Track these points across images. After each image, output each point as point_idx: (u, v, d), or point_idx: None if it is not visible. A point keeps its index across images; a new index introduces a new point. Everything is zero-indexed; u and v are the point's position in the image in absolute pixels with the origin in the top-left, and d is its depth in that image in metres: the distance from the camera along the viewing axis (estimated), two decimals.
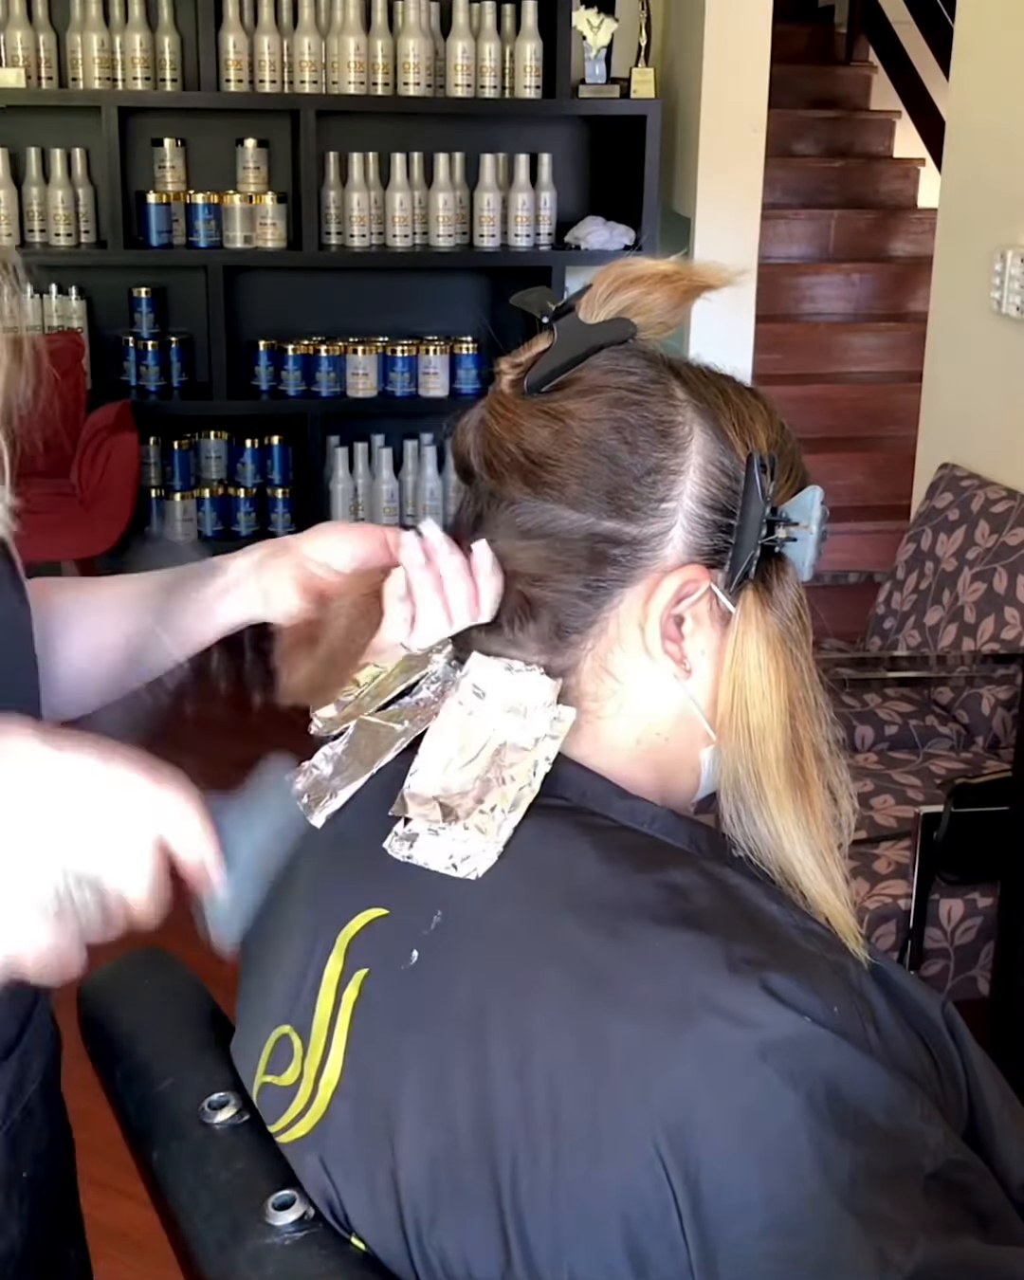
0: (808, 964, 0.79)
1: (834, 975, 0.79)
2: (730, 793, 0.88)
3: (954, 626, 2.93)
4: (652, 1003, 0.76)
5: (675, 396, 0.88)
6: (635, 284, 0.89)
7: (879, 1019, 0.80)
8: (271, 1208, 0.84)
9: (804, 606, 0.89)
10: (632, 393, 0.87)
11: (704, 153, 4.58)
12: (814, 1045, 0.75)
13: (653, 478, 0.86)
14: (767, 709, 0.86)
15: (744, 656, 0.86)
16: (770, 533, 0.86)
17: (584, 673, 0.88)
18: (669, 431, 0.86)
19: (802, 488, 0.90)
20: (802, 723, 0.87)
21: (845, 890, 0.87)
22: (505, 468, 0.87)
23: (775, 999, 0.75)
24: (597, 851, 0.82)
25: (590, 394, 0.87)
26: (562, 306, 0.88)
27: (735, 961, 0.76)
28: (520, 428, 0.87)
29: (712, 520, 0.87)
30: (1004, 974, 2.11)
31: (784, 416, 0.92)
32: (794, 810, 0.87)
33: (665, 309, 0.90)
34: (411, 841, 0.85)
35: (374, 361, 4.65)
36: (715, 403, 0.88)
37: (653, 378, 0.88)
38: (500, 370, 0.89)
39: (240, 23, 4.38)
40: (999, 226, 3.04)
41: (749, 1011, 0.75)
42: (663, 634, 0.87)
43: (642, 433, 0.86)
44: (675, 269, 0.90)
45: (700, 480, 0.87)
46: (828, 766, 0.89)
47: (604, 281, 0.89)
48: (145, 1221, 1.06)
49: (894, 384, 5.22)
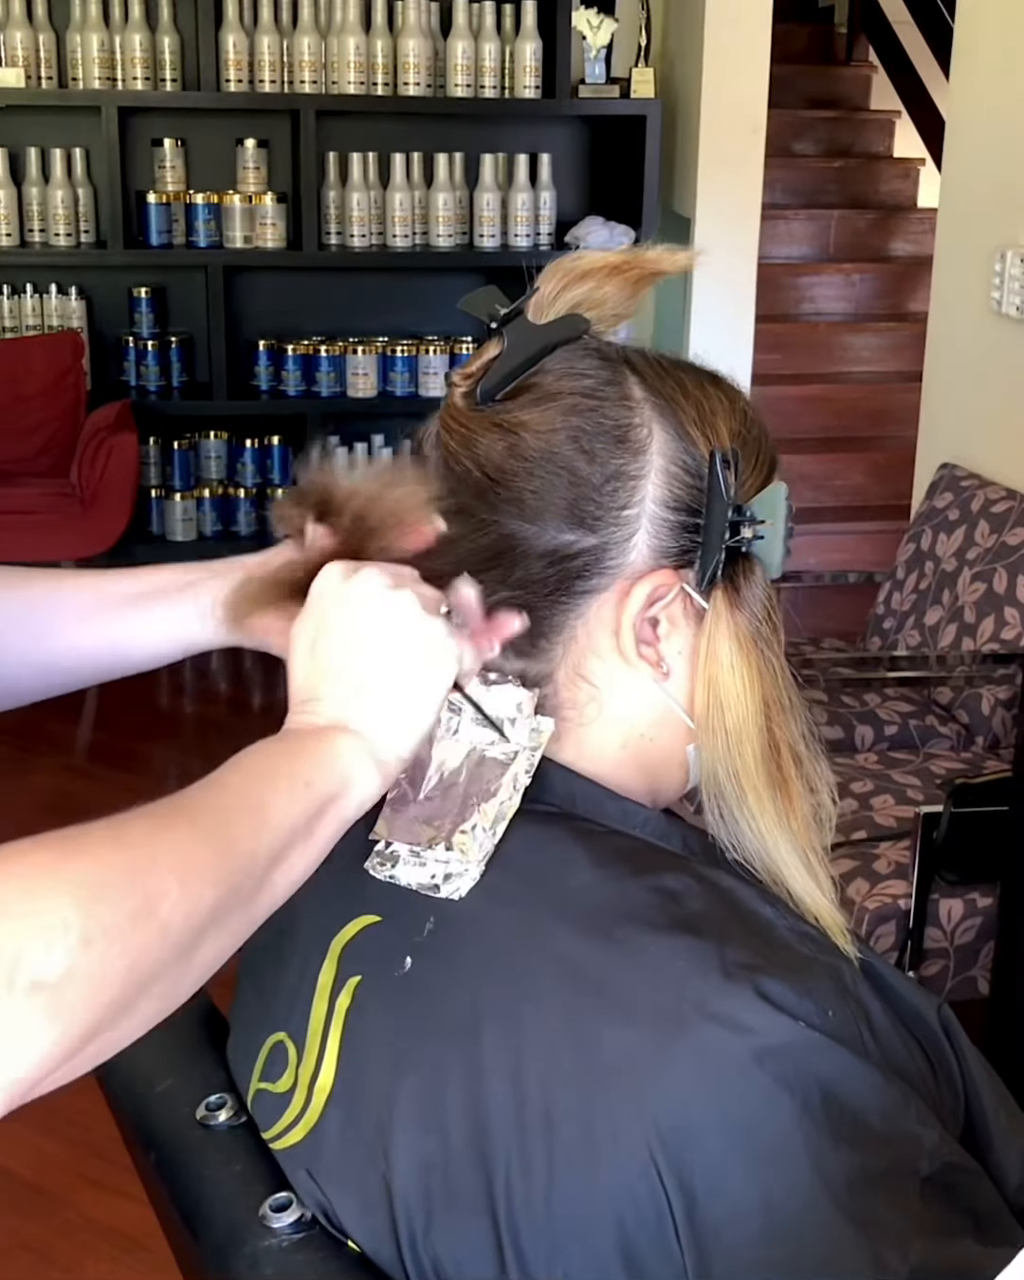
0: (803, 968, 0.79)
1: (829, 979, 0.79)
2: (711, 793, 0.87)
3: (954, 626, 2.93)
4: (646, 1009, 0.76)
5: (632, 397, 0.85)
6: (585, 279, 0.87)
7: (874, 1022, 0.80)
8: (269, 1209, 0.84)
9: (774, 606, 0.88)
10: (586, 398, 0.84)
11: (704, 153, 4.58)
12: (809, 1050, 0.75)
13: (613, 485, 0.84)
14: (742, 710, 0.85)
15: (717, 657, 0.85)
16: (735, 533, 0.84)
17: (560, 681, 0.87)
18: (627, 436, 0.84)
19: (771, 473, 0.88)
20: (778, 723, 0.86)
21: (831, 888, 0.87)
22: (461, 484, 0.85)
23: (770, 1004, 0.75)
24: (589, 857, 0.82)
25: (544, 402, 0.84)
26: (511, 311, 0.86)
27: (730, 966, 0.76)
28: (474, 443, 0.85)
29: (677, 521, 0.85)
30: (1004, 974, 2.11)
31: (748, 401, 0.89)
32: (775, 810, 0.86)
33: (619, 300, 0.87)
34: (393, 862, 0.85)
35: (374, 361, 4.65)
36: (673, 398, 0.86)
37: (608, 378, 0.86)
38: (452, 382, 0.87)
39: (240, 23, 4.38)
40: (999, 226, 3.04)
41: (744, 1017, 0.75)
42: (638, 638, 0.86)
43: (598, 440, 0.84)
44: (624, 259, 0.88)
45: (662, 482, 0.85)
46: (807, 765, 0.88)
47: (552, 279, 0.87)
48: (145, 1221, 1.06)
49: (894, 384, 5.22)
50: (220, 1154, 0.90)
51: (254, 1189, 0.86)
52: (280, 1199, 0.84)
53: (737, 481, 0.84)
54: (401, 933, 0.83)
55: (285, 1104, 0.87)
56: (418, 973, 0.82)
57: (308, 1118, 0.85)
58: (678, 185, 4.80)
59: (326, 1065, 0.84)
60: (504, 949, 0.80)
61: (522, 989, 0.79)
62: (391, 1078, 0.81)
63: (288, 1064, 0.87)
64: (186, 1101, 0.93)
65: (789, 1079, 0.74)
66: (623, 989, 0.77)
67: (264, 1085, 0.89)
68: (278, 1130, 0.87)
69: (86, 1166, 1.43)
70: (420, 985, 0.82)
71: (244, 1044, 0.93)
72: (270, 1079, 0.88)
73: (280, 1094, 0.87)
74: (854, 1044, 0.77)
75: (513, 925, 0.81)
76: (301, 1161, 0.85)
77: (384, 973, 0.83)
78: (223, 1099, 0.92)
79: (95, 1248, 1.53)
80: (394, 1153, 0.80)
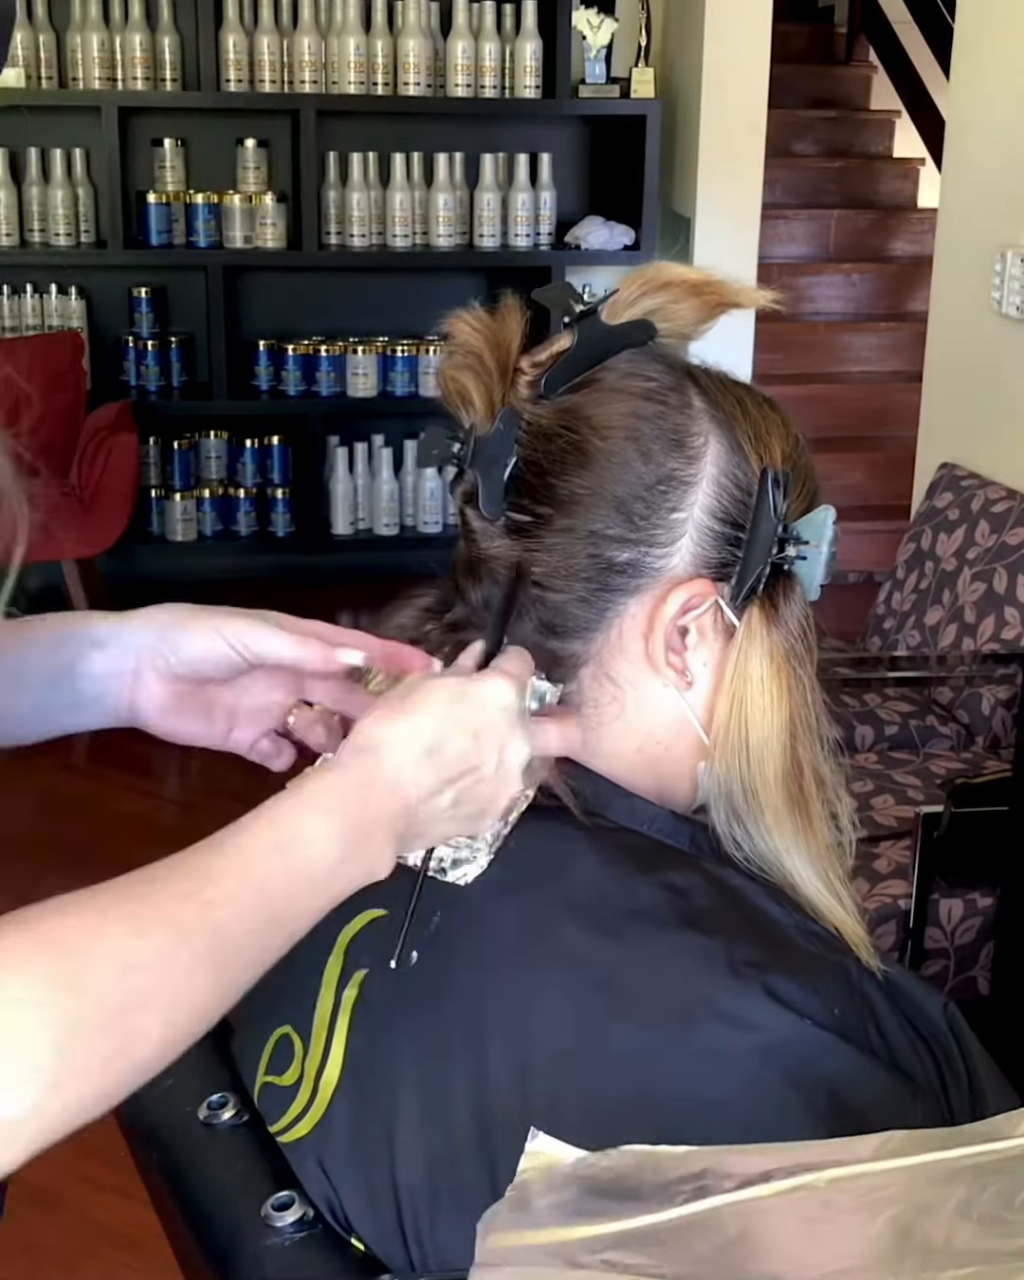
0: (810, 966, 0.79)
1: (836, 977, 0.79)
2: (723, 808, 0.87)
3: (954, 626, 2.93)
4: (653, 1006, 0.76)
5: (692, 405, 0.87)
6: (664, 290, 0.88)
7: (881, 1020, 0.80)
8: (271, 1209, 0.84)
9: (810, 626, 0.88)
10: (648, 400, 0.86)
11: (704, 153, 4.58)
12: (816, 1048, 0.75)
13: (665, 487, 0.85)
14: (767, 727, 0.85)
15: (747, 674, 0.86)
16: (781, 550, 0.85)
17: (585, 679, 0.88)
18: (684, 441, 0.85)
19: (813, 502, 0.89)
20: (802, 744, 0.86)
21: (852, 903, 0.87)
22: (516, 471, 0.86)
23: (777, 1002, 0.75)
24: (596, 854, 0.82)
25: (607, 399, 0.86)
26: (587, 309, 0.87)
27: (737, 964, 0.76)
28: (535, 429, 0.86)
29: (721, 533, 0.86)
30: (1004, 974, 2.11)
31: (800, 430, 0.91)
32: (793, 829, 0.86)
33: (690, 320, 0.88)
34: None
35: (374, 361, 4.65)
36: (733, 413, 0.87)
37: (671, 384, 0.87)
38: (520, 369, 0.88)
39: (240, 23, 4.38)
40: (999, 226, 3.04)
41: (751, 1014, 0.75)
42: (667, 645, 0.86)
43: (656, 441, 0.85)
44: (706, 280, 0.88)
45: (713, 492, 0.86)
46: (829, 789, 0.88)
47: (634, 283, 0.88)
48: (145, 1221, 1.06)
49: (894, 384, 5.22)
50: (222, 1153, 0.90)
51: (256, 1188, 0.86)
52: (282, 1198, 0.84)
53: (785, 501, 0.85)
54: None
55: (292, 1097, 0.87)
56: (424, 967, 0.82)
57: (314, 1111, 0.85)
58: (678, 185, 4.80)
59: (333, 1058, 0.85)
60: (511, 944, 0.81)
61: (528, 984, 0.79)
62: (397, 1071, 0.81)
63: (294, 1057, 0.87)
64: (188, 1100, 0.93)
65: (795, 1076, 0.74)
66: (630, 986, 0.77)
67: (270, 1078, 0.89)
68: (285, 1123, 0.87)
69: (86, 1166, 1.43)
70: (427, 979, 0.82)
71: (250, 1037, 0.93)
72: (276, 1072, 0.89)
73: (286, 1087, 0.87)
74: (861, 1042, 0.77)
75: (520, 920, 0.81)
76: (310, 1152, 0.85)
77: (390, 967, 0.83)
78: (225, 1098, 0.92)
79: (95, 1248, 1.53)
80: (400, 1146, 0.80)
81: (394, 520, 4.81)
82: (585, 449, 0.85)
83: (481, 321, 0.88)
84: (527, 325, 0.88)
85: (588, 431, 0.85)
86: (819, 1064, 0.75)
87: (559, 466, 0.85)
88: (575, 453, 0.85)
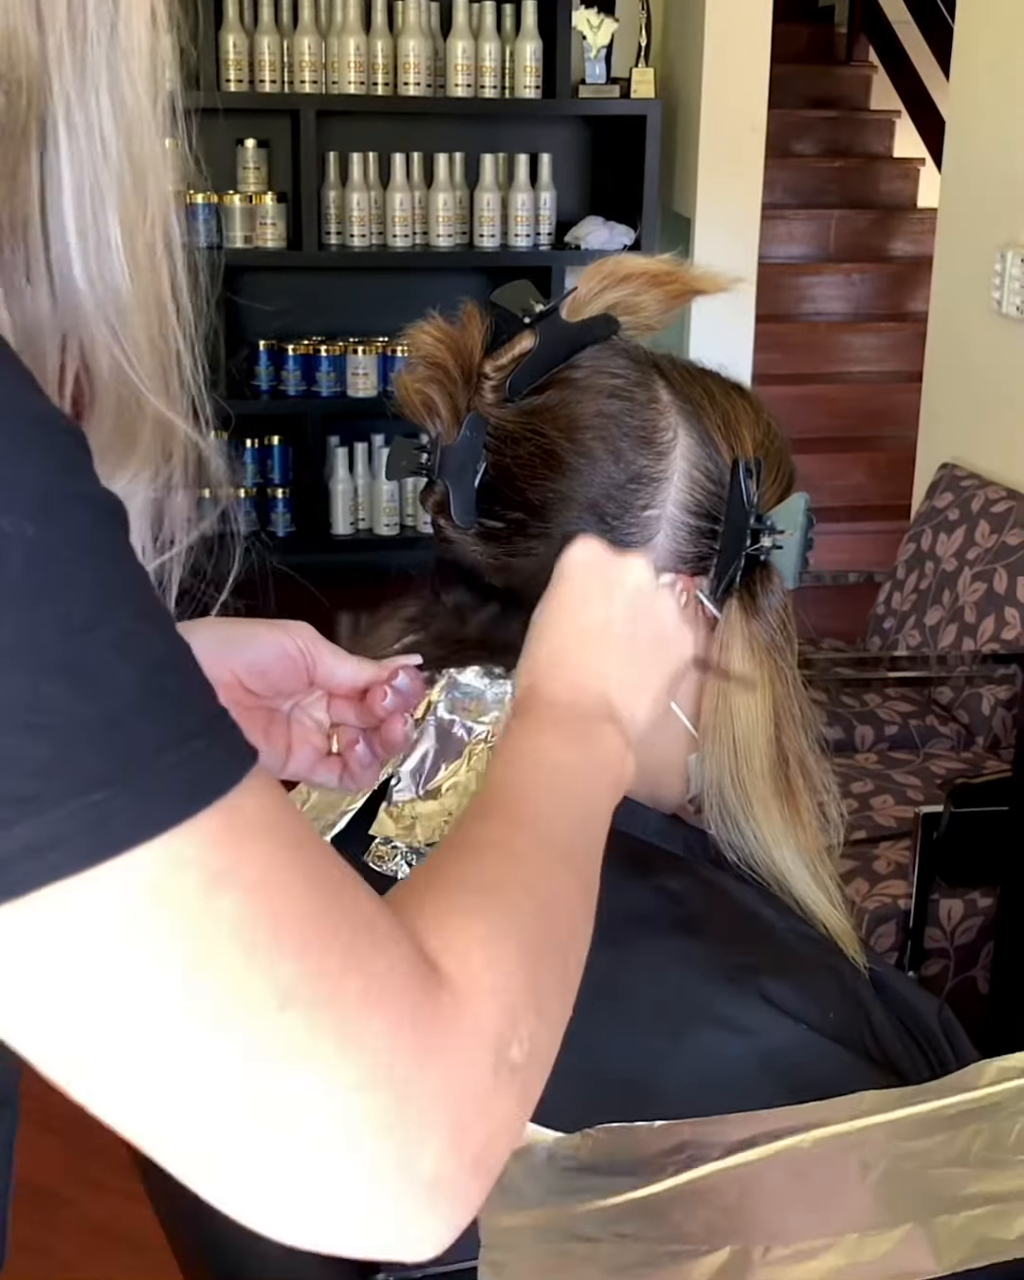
0: (805, 970, 0.79)
1: (830, 981, 0.79)
2: (715, 801, 0.87)
3: (954, 626, 2.93)
4: (648, 1010, 0.76)
5: (660, 399, 0.86)
6: (625, 282, 0.87)
7: (875, 1024, 0.80)
8: None
9: (789, 615, 0.88)
10: (614, 397, 0.85)
11: (704, 153, 4.58)
12: (811, 1052, 0.75)
13: (635, 485, 0.84)
14: (751, 719, 0.85)
15: (728, 666, 0.86)
16: (755, 541, 0.85)
17: None
18: (652, 438, 0.85)
19: (789, 486, 0.88)
20: (787, 734, 0.86)
21: (840, 897, 0.87)
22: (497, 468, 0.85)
23: (772, 1006, 0.75)
24: None
25: (573, 398, 0.85)
26: (548, 309, 0.86)
27: (732, 969, 0.76)
28: (501, 434, 0.85)
29: (696, 527, 0.85)
30: (1004, 974, 2.11)
31: (772, 413, 0.90)
32: (781, 820, 0.86)
33: (654, 312, 0.88)
34: (394, 856, 0.85)
35: (374, 361, 4.65)
36: (701, 404, 0.86)
37: (637, 379, 0.86)
38: (484, 373, 0.87)
39: (240, 23, 4.38)
40: (999, 226, 3.04)
41: (746, 1019, 0.75)
42: None
43: (625, 439, 0.84)
44: (667, 270, 0.87)
45: (685, 486, 0.85)
46: (815, 777, 0.88)
47: (594, 278, 0.87)
48: (145, 1221, 1.06)
49: (894, 384, 5.22)
50: None
51: None
52: None
53: (758, 490, 0.84)
54: None
55: None
56: None
57: None
58: (678, 185, 4.80)
59: None
60: None
61: None
62: None
63: None
64: None
65: (791, 1080, 0.74)
66: (624, 990, 0.77)
67: None
68: None
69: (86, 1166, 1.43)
70: None
71: None
72: None
73: None
74: (855, 1045, 0.77)
75: None
76: None
77: None
78: None
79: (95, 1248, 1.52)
80: None
81: (394, 520, 4.81)
82: (554, 451, 0.84)
83: (442, 330, 0.87)
84: (489, 330, 0.86)
85: (555, 433, 0.84)
86: (815, 1068, 0.75)
87: (528, 471, 0.84)
88: (544, 455, 0.84)
